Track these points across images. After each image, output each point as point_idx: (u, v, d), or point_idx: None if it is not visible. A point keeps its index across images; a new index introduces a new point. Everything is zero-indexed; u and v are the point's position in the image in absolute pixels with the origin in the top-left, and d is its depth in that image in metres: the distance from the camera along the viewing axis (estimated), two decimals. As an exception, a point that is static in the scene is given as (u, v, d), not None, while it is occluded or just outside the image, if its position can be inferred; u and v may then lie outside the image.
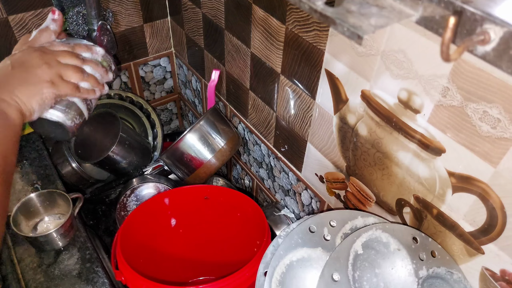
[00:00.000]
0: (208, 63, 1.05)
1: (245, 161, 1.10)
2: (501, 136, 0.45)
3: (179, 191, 0.96)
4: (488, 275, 0.54)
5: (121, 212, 1.03)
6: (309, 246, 0.62)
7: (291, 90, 0.77)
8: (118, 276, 0.76)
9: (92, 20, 0.95)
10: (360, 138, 0.65)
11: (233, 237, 0.99)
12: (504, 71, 0.35)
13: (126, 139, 1.04)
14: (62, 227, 0.81)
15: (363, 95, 0.61)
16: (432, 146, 0.54)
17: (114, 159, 1.03)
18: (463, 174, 0.52)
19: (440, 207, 0.57)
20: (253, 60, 0.85)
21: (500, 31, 0.33)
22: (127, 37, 1.12)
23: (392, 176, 0.63)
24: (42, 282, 0.78)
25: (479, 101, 0.46)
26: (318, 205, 0.86)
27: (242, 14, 0.81)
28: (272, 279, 0.59)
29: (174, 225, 1.00)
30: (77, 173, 1.05)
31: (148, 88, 1.28)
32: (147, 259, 0.92)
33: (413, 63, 0.51)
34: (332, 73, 0.65)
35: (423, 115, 0.53)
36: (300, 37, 0.68)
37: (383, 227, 0.61)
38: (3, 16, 0.91)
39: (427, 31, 0.40)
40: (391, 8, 0.38)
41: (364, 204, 0.72)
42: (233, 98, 1.01)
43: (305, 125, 0.78)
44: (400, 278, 0.58)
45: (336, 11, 0.35)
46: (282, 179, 0.96)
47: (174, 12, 1.12)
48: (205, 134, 0.96)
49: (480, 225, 0.52)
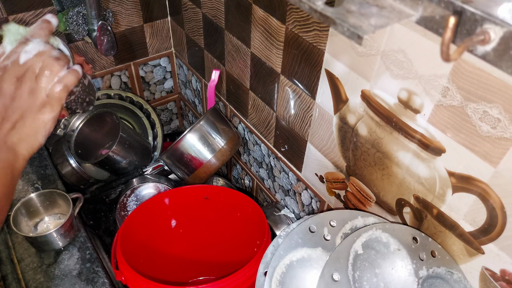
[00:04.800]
0: (208, 63, 1.05)
1: (245, 161, 1.10)
2: (501, 136, 0.45)
3: (179, 191, 0.96)
4: (488, 275, 0.54)
5: (121, 212, 1.03)
6: (309, 246, 0.62)
7: (291, 90, 0.77)
8: (118, 276, 0.76)
9: (92, 20, 0.95)
10: (360, 138, 0.65)
11: (233, 237, 0.99)
12: (504, 71, 0.35)
13: (126, 139, 1.04)
14: (62, 227, 0.81)
15: (363, 95, 0.61)
16: (432, 146, 0.54)
17: (114, 159, 1.03)
18: (463, 174, 0.52)
19: (440, 207, 0.57)
20: (253, 60, 0.85)
21: (500, 31, 0.33)
22: (127, 37, 1.12)
23: (392, 176, 0.63)
24: (42, 282, 0.78)
25: (479, 101, 0.46)
26: (318, 205, 0.86)
27: (242, 14, 0.81)
28: (272, 279, 0.60)
29: (174, 225, 1.00)
30: (77, 173, 1.05)
31: (148, 88, 1.28)
32: (147, 259, 0.92)
33: (413, 63, 0.51)
34: (332, 73, 0.65)
35: (423, 115, 0.53)
36: (300, 37, 0.68)
37: (383, 227, 0.61)
38: (3, 16, 0.91)
39: (427, 31, 0.40)
40: (391, 8, 0.38)
41: (364, 204, 0.72)
42: (233, 98, 1.01)
43: (305, 125, 0.78)
44: (400, 278, 0.58)
45: (336, 11, 0.35)
46: (282, 179, 0.96)
47: (174, 12, 1.12)
48: (205, 134, 0.96)
49: (480, 225, 0.52)
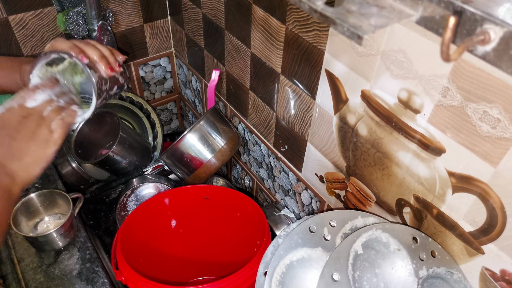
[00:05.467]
0: (208, 63, 1.05)
1: (245, 161, 1.10)
2: (501, 136, 0.45)
3: (179, 191, 0.96)
4: (488, 275, 0.54)
5: (121, 212, 1.03)
6: (309, 246, 0.62)
7: (291, 90, 0.77)
8: (118, 276, 0.76)
9: (92, 20, 0.95)
10: (360, 138, 0.65)
11: (233, 237, 0.99)
12: (504, 71, 0.35)
13: (126, 139, 1.04)
14: (62, 227, 0.81)
15: (363, 95, 0.61)
16: (432, 146, 0.54)
17: (114, 159, 1.03)
18: (463, 174, 0.52)
19: (440, 207, 0.57)
20: (253, 60, 0.85)
21: (500, 31, 0.33)
22: (127, 37, 1.12)
23: (392, 176, 0.63)
24: (42, 282, 0.78)
25: (479, 101, 0.46)
26: (318, 205, 0.86)
27: (242, 14, 0.81)
28: (272, 279, 0.59)
29: (174, 225, 1.00)
30: (77, 173, 1.05)
31: (148, 88, 1.28)
32: (147, 259, 0.92)
33: (413, 63, 0.51)
34: (332, 73, 0.65)
35: (423, 115, 0.53)
36: (300, 37, 0.68)
37: (383, 227, 0.61)
38: (3, 16, 0.91)
39: (427, 31, 0.40)
40: (391, 8, 0.38)
41: (364, 204, 0.72)
42: (233, 98, 1.01)
43: (305, 125, 0.78)
44: (400, 278, 0.58)
45: (336, 11, 0.35)
46: (282, 179, 0.96)
47: (174, 12, 1.12)
48: (205, 134, 0.96)
49: (480, 225, 0.52)
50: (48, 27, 0.98)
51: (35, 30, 0.97)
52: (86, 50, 0.63)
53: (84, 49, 0.63)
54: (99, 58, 0.64)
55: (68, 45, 0.62)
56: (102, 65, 0.64)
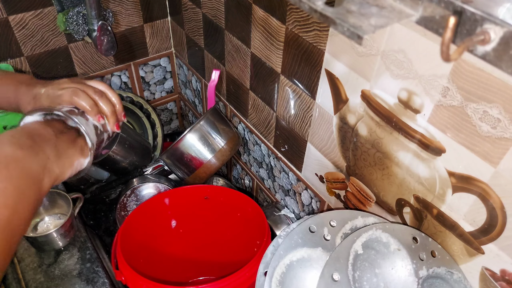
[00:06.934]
0: (208, 63, 1.05)
1: (245, 161, 1.10)
2: (501, 136, 0.45)
3: (179, 191, 0.96)
4: (488, 275, 0.54)
5: (121, 212, 1.03)
6: (309, 246, 0.62)
7: (291, 90, 0.77)
8: (118, 276, 0.76)
9: (92, 20, 0.95)
10: (360, 138, 0.65)
11: (233, 237, 0.99)
12: (504, 71, 0.35)
13: (126, 139, 1.04)
14: (62, 227, 0.81)
15: (363, 95, 0.61)
16: (432, 146, 0.54)
17: (114, 159, 1.03)
18: (463, 174, 0.52)
19: (440, 207, 0.57)
20: (253, 60, 0.85)
21: (500, 31, 0.33)
22: (127, 37, 1.12)
23: (392, 176, 0.63)
24: (42, 282, 0.78)
25: (479, 101, 0.46)
26: (318, 205, 0.86)
27: (242, 14, 0.81)
28: (272, 279, 0.60)
29: (174, 225, 1.00)
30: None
31: (148, 88, 1.28)
32: (147, 259, 0.92)
33: (413, 63, 0.51)
34: (332, 73, 0.65)
35: (423, 115, 0.53)
36: (300, 37, 0.68)
37: (383, 227, 0.61)
38: (3, 16, 0.91)
39: (427, 31, 0.40)
40: (391, 8, 0.38)
41: (364, 204, 0.72)
42: (233, 98, 1.01)
43: (305, 125, 0.78)
44: (400, 278, 0.58)
45: (336, 11, 0.35)
46: (282, 179, 0.96)
47: (174, 12, 1.12)
48: (205, 134, 0.96)
49: (480, 225, 0.52)
50: (48, 27, 0.98)
51: (35, 30, 0.97)
52: (100, 104, 0.65)
53: (98, 103, 0.65)
54: (110, 114, 0.66)
55: (89, 103, 0.63)
56: (111, 123, 0.67)
